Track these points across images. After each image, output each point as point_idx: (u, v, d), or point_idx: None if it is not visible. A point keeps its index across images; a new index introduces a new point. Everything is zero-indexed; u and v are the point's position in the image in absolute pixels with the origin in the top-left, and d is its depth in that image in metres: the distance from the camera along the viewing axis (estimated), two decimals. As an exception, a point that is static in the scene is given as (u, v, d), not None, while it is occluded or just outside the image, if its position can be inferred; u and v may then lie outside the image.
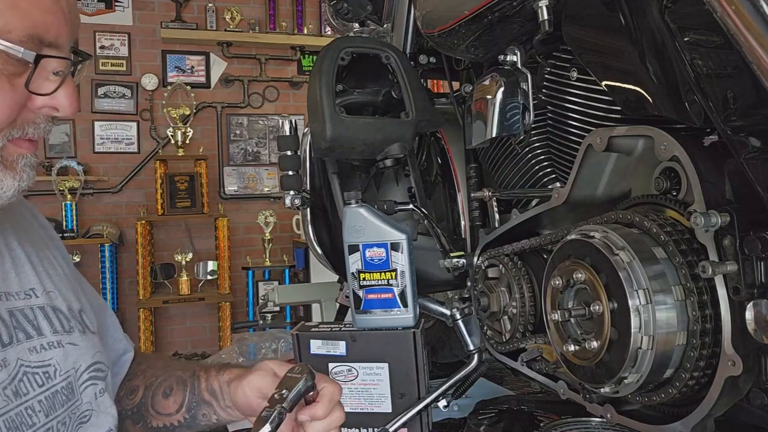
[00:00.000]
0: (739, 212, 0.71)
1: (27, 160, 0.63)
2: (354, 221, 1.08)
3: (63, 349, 0.72)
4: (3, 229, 0.74)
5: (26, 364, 0.67)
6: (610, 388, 0.82)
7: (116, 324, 0.94)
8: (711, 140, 0.81)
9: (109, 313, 0.93)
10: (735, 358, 0.71)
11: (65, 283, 0.81)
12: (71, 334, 0.75)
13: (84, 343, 0.76)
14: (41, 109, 0.62)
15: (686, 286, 0.76)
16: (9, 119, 0.59)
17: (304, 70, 4.72)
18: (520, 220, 1.14)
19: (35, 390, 0.67)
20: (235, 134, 4.64)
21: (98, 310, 0.87)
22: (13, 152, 0.62)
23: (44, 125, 0.63)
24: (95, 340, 0.79)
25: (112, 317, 0.93)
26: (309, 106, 1.28)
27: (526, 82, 1.03)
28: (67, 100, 0.62)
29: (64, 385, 0.71)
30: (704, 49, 0.70)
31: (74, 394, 0.73)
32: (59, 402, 0.70)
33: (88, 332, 0.78)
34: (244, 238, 4.58)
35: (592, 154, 0.92)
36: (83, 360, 0.75)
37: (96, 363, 0.77)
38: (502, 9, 0.98)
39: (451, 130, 1.44)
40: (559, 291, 0.88)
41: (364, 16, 1.69)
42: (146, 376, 0.90)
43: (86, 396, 0.74)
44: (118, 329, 0.93)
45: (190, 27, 4.46)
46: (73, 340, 0.75)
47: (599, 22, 0.89)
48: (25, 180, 0.63)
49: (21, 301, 0.71)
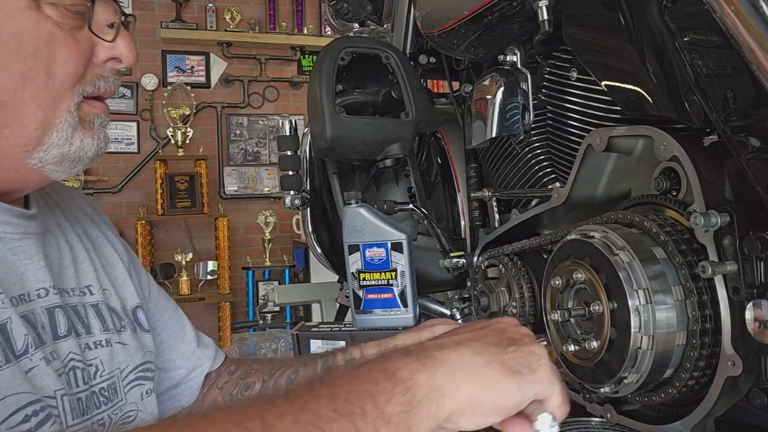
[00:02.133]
0: (739, 212, 0.71)
1: (102, 120, 0.65)
2: (354, 221, 1.08)
3: (111, 348, 0.71)
4: (64, 225, 0.75)
5: (76, 358, 0.66)
6: (610, 388, 0.82)
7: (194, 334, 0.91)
8: (711, 140, 0.81)
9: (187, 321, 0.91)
10: (735, 358, 0.71)
11: (123, 280, 0.80)
12: (122, 333, 0.74)
13: (134, 342, 0.74)
14: (106, 63, 0.63)
15: (686, 286, 0.76)
16: (78, 72, 0.60)
17: (304, 70, 4.72)
18: (519, 220, 1.14)
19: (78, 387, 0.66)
20: (235, 134, 4.64)
21: (171, 315, 0.86)
22: (89, 112, 0.63)
23: (112, 79, 0.64)
24: (147, 340, 0.77)
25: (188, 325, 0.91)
26: (309, 106, 1.28)
27: (526, 82, 1.03)
28: (127, 48, 0.64)
29: (104, 386, 0.69)
30: (704, 49, 0.70)
31: (117, 394, 0.71)
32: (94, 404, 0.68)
33: (141, 331, 0.77)
34: (244, 238, 4.58)
35: (592, 154, 0.92)
36: (131, 360, 0.74)
37: (145, 363, 0.76)
38: (502, 9, 0.98)
39: (451, 130, 1.44)
40: (559, 291, 0.88)
41: (364, 16, 1.69)
42: (263, 371, 0.85)
43: (131, 396, 0.73)
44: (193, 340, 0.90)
45: (190, 27, 4.46)
46: (123, 339, 0.73)
47: (599, 22, 0.89)
48: (102, 140, 0.65)
49: (75, 297, 0.70)
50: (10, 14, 0.56)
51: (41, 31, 0.57)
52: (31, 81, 0.58)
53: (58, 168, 0.63)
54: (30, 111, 0.59)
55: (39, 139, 0.60)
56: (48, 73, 0.59)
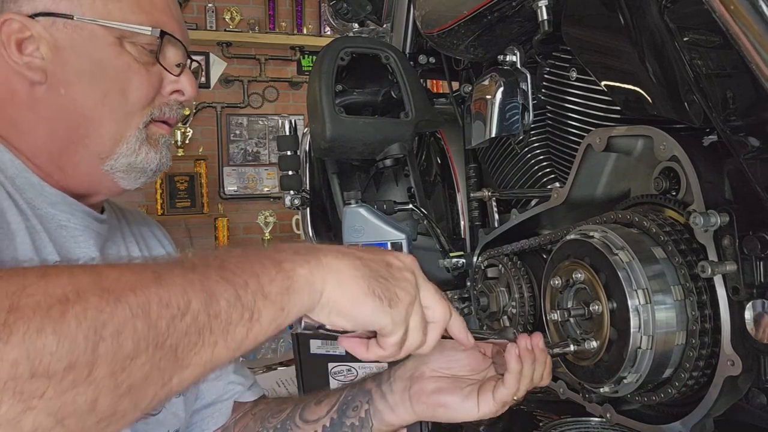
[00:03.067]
0: (739, 212, 0.71)
1: (165, 140, 0.77)
2: (354, 221, 1.08)
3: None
4: (129, 239, 0.85)
5: None
6: (610, 388, 0.82)
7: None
8: (710, 140, 0.82)
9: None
10: (734, 358, 0.71)
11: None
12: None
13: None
14: (171, 94, 0.76)
15: (685, 286, 0.76)
16: (148, 97, 0.73)
17: (303, 71, 4.72)
18: (519, 220, 1.14)
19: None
20: (235, 134, 4.64)
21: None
22: (155, 132, 0.75)
23: (176, 108, 0.77)
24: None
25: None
26: (309, 106, 1.28)
27: (526, 82, 1.03)
28: (189, 83, 0.76)
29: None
30: (704, 49, 0.70)
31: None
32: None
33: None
34: (243, 238, 4.58)
35: (592, 154, 0.92)
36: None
37: None
38: (502, 9, 0.98)
39: (450, 130, 1.44)
40: (559, 291, 0.88)
41: (364, 16, 1.69)
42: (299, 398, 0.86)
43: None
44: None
45: (190, 27, 4.46)
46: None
47: (599, 22, 0.89)
48: (164, 157, 0.77)
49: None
50: (98, 47, 0.70)
51: (120, 61, 0.70)
52: (109, 99, 0.70)
53: (126, 177, 0.74)
54: (106, 124, 0.71)
55: (112, 149, 0.72)
56: (123, 94, 0.71)
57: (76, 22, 0.68)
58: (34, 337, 0.36)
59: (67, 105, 0.69)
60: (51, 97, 0.69)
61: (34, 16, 0.68)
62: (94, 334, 0.38)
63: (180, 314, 0.42)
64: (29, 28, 0.67)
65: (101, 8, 0.69)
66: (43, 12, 0.68)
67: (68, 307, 0.38)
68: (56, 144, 0.71)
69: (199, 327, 0.43)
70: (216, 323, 0.44)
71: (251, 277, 0.47)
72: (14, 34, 0.67)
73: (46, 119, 0.70)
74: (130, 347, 0.39)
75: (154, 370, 0.41)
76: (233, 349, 0.46)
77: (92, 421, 0.39)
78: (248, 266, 0.48)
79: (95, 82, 0.70)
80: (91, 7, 0.69)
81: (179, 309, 0.42)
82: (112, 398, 0.39)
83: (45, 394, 0.36)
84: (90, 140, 0.71)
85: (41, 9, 0.68)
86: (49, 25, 0.68)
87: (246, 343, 0.46)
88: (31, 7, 0.68)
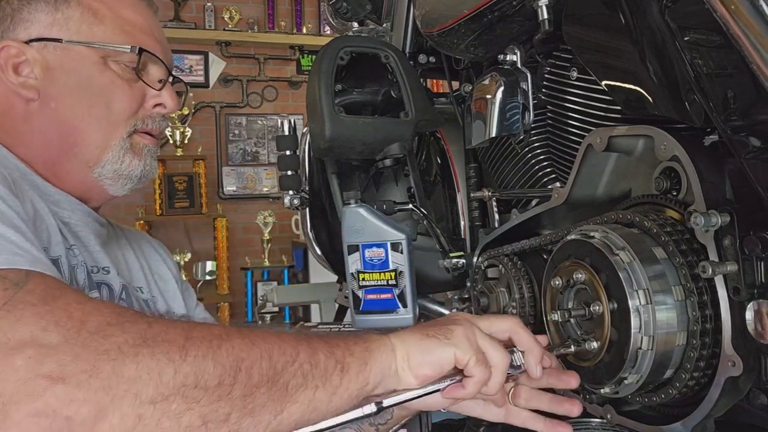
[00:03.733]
0: (740, 212, 0.70)
1: (149, 150, 0.85)
2: (353, 221, 1.08)
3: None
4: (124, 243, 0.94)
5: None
6: (610, 389, 0.81)
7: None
8: (711, 140, 0.81)
9: None
10: (735, 359, 0.71)
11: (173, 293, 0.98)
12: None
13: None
14: (154, 108, 0.84)
15: (686, 287, 0.76)
16: (131, 109, 0.81)
17: (303, 70, 4.72)
18: (519, 220, 1.14)
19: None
20: (234, 134, 4.64)
21: None
22: (138, 141, 0.83)
23: (159, 120, 0.85)
24: None
25: None
26: (308, 106, 1.28)
27: (526, 81, 1.03)
28: (170, 97, 0.84)
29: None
30: (704, 49, 0.70)
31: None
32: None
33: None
34: (242, 239, 4.58)
35: (592, 154, 0.91)
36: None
37: None
38: (502, 8, 0.97)
39: (450, 130, 1.44)
40: (559, 291, 0.88)
41: (363, 16, 1.69)
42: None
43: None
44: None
45: (189, 26, 4.46)
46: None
47: (599, 21, 0.89)
48: (148, 165, 0.85)
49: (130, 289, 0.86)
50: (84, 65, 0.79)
51: (105, 78, 0.79)
52: (94, 111, 0.79)
53: (113, 183, 0.83)
54: (93, 133, 0.79)
55: (98, 156, 0.80)
56: (107, 107, 0.80)
57: (65, 45, 0.78)
58: (200, 359, 0.51)
59: (57, 117, 0.78)
60: (43, 110, 0.78)
61: (28, 42, 0.78)
62: (236, 365, 0.52)
63: (291, 360, 0.56)
64: (24, 53, 0.77)
65: (87, 31, 0.79)
66: (37, 38, 0.78)
67: (223, 343, 0.53)
68: (50, 152, 0.78)
69: (304, 372, 0.56)
70: (316, 371, 0.57)
71: (341, 342, 0.62)
72: (11, 58, 0.77)
73: (40, 130, 0.78)
74: (257, 378, 0.53)
75: (270, 400, 0.54)
76: (330, 393, 0.58)
77: (224, 431, 0.51)
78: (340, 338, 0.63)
79: (82, 96, 0.79)
80: (77, 31, 0.79)
81: (291, 357, 0.56)
82: (240, 415, 0.52)
83: (200, 401, 0.50)
84: (78, 149, 0.79)
85: (35, 35, 0.78)
86: (41, 48, 0.78)
87: (340, 390, 0.59)
88: (26, 34, 0.78)
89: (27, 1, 0.79)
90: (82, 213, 0.81)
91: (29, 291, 0.51)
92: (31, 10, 0.79)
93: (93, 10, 0.80)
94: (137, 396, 0.47)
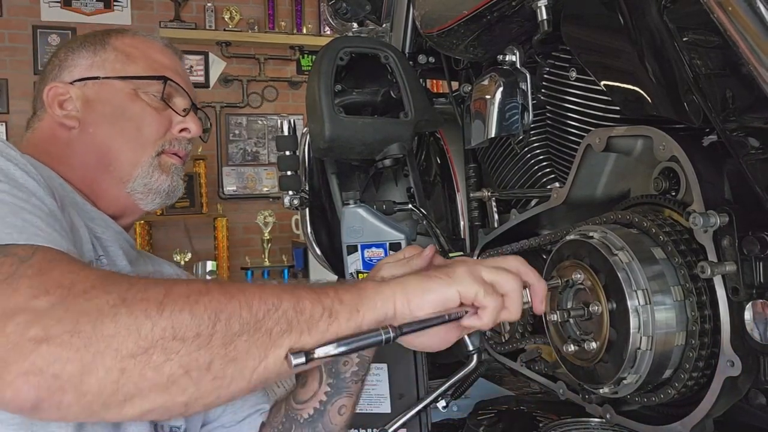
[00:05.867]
0: (738, 212, 0.71)
1: (176, 169, 0.95)
2: (353, 221, 1.08)
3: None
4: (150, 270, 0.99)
5: None
6: (609, 389, 0.82)
7: None
8: (710, 140, 0.81)
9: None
10: (734, 359, 0.71)
11: None
12: None
13: None
14: (180, 132, 0.94)
15: (685, 287, 0.76)
16: (159, 132, 0.92)
17: (303, 70, 4.72)
18: (519, 220, 1.14)
19: None
20: (234, 134, 4.64)
21: None
22: (166, 161, 0.93)
23: (184, 143, 0.95)
24: None
25: None
26: (308, 106, 1.28)
27: (525, 82, 1.03)
28: (194, 123, 0.95)
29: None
30: (703, 49, 0.70)
31: None
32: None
33: None
34: (243, 239, 4.58)
35: (591, 154, 0.91)
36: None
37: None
38: (501, 9, 0.98)
39: (450, 130, 1.44)
40: (558, 291, 0.88)
41: (363, 16, 1.69)
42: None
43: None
44: None
45: (189, 27, 4.46)
46: None
47: (598, 22, 0.89)
48: (175, 182, 0.94)
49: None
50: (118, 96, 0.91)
51: (136, 106, 0.91)
52: (127, 134, 0.90)
53: (144, 198, 0.92)
54: (125, 153, 0.90)
55: (130, 173, 0.90)
56: (138, 130, 0.91)
57: (102, 81, 0.91)
58: (177, 313, 0.54)
59: (94, 140, 0.89)
60: (82, 136, 0.89)
61: (72, 82, 0.90)
62: (215, 317, 0.56)
63: (274, 308, 0.58)
64: (69, 91, 0.90)
65: (121, 69, 0.92)
66: (79, 78, 0.91)
67: (200, 297, 0.56)
68: (89, 171, 0.89)
69: (288, 319, 0.59)
70: (302, 317, 0.59)
71: (330, 289, 0.63)
72: (57, 96, 0.90)
73: (80, 153, 0.89)
74: (236, 328, 0.56)
75: (253, 346, 0.57)
76: (317, 339, 0.60)
77: (208, 378, 0.55)
78: (329, 286, 0.64)
79: (116, 122, 0.90)
80: (113, 68, 0.92)
81: (273, 305, 0.59)
82: (223, 362, 0.56)
83: (180, 352, 0.54)
84: (113, 167, 0.90)
85: (77, 76, 0.91)
86: (82, 85, 0.90)
87: (328, 336, 0.60)
88: (70, 76, 0.91)
89: (72, 51, 0.93)
90: (114, 231, 0.88)
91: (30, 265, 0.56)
92: (75, 57, 0.93)
93: (126, 53, 0.94)
94: (118, 351, 0.52)
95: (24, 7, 4.20)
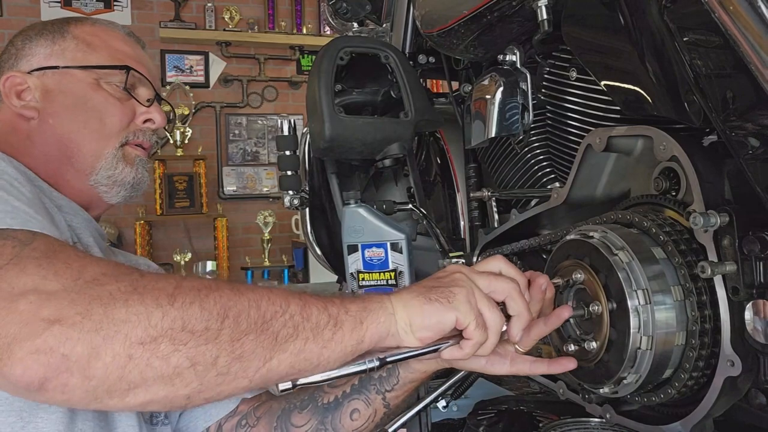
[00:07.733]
0: (739, 212, 0.71)
1: (140, 161, 0.93)
2: (353, 221, 1.08)
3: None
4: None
5: None
6: (609, 389, 0.82)
7: None
8: (710, 140, 0.81)
9: None
10: (734, 359, 0.71)
11: None
12: None
13: None
14: (144, 123, 0.93)
15: (685, 287, 0.76)
16: (122, 123, 0.91)
17: (303, 70, 4.72)
18: (519, 220, 1.14)
19: None
20: (234, 134, 4.64)
21: None
22: (130, 152, 0.92)
23: (149, 134, 0.94)
24: None
25: None
26: (308, 106, 1.28)
27: (526, 81, 1.03)
28: (158, 114, 0.94)
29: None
30: (703, 49, 0.70)
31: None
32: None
33: None
34: (243, 238, 4.58)
35: (592, 154, 0.91)
36: None
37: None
38: (502, 9, 0.98)
39: (450, 130, 1.44)
40: (558, 291, 0.88)
41: (363, 16, 1.69)
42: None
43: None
44: None
45: (189, 27, 4.46)
46: None
47: (599, 21, 0.89)
48: (140, 173, 0.93)
49: None
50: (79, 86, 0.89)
51: (98, 96, 0.89)
52: (89, 125, 0.88)
53: (109, 191, 0.90)
54: (88, 144, 0.88)
55: (93, 165, 0.89)
56: (101, 121, 0.89)
57: (62, 70, 0.88)
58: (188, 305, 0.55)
59: (55, 132, 0.87)
60: (42, 127, 0.87)
61: (30, 72, 0.88)
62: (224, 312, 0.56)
63: (281, 311, 0.59)
64: (26, 81, 0.87)
65: (81, 58, 0.90)
66: (37, 68, 0.88)
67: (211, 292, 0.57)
68: (51, 163, 0.86)
69: (295, 323, 0.60)
70: (307, 323, 0.60)
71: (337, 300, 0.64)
72: (15, 86, 0.87)
73: (41, 144, 0.87)
74: (244, 326, 0.57)
75: (259, 347, 0.57)
76: (320, 346, 0.61)
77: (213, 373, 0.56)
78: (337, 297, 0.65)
79: (77, 113, 0.88)
80: (72, 58, 0.89)
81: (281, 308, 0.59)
82: (228, 359, 0.56)
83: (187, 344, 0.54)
84: (75, 159, 0.88)
85: (35, 66, 0.89)
86: (41, 75, 0.88)
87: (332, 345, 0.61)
88: (28, 66, 0.89)
89: (29, 39, 0.91)
90: (83, 219, 0.87)
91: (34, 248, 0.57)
92: (32, 46, 0.90)
93: (87, 41, 0.91)
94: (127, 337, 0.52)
95: (24, 7, 4.21)
